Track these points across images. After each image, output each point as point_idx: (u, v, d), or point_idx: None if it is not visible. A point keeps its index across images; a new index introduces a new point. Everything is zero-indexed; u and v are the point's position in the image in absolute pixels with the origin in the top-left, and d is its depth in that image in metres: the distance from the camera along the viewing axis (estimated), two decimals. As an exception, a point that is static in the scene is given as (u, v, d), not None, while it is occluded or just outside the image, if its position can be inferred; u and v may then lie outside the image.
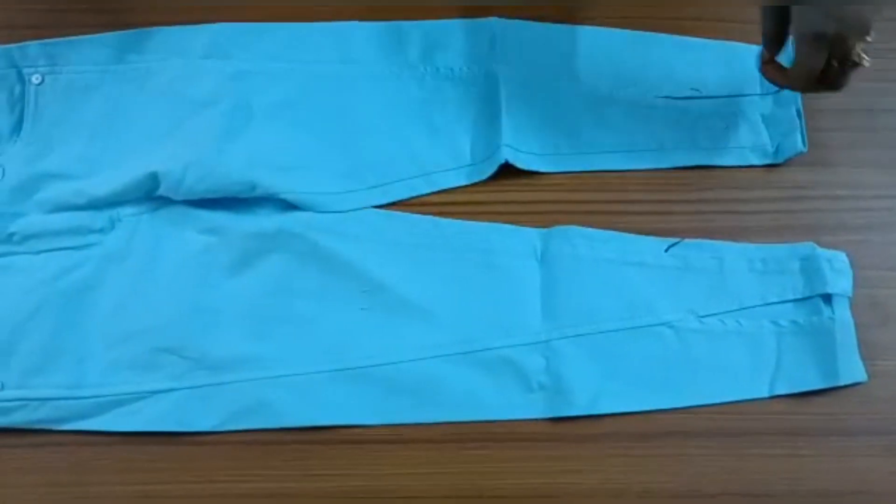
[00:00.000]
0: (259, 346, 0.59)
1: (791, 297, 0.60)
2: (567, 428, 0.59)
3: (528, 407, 0.59)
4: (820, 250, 0.61)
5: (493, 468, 0.58)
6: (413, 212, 0.63)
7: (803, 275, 0.60)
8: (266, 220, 0.61)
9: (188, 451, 0.58)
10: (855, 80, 0.63)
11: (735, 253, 0.62)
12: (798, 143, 0.64)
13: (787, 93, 0.65)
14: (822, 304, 0.60)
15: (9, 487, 0.57)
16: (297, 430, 0.58)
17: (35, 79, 0.63)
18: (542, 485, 0.58)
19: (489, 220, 0.63)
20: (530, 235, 0.62)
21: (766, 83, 0.64)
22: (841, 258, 0.60)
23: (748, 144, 0.65)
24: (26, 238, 0.60)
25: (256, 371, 0.58)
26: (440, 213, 0.63)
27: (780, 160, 0.65)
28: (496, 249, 0.62)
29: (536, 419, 0.59)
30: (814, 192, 0.65)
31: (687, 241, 0.62)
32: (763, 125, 0.66)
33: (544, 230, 0.62)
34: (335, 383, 0.58)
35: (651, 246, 0.62)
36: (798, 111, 0.65)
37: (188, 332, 0.58)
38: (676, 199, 0.64)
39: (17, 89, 0.63)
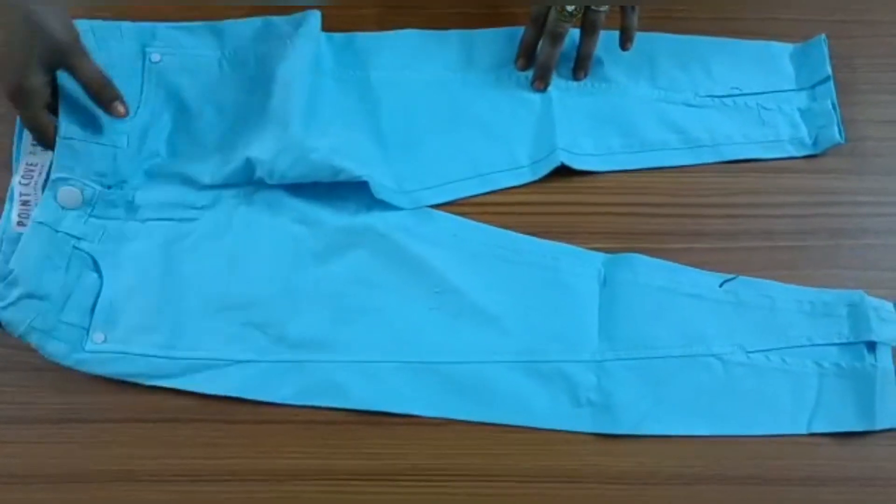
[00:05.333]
0: (335, 331, 0.62)
1: (836, 340, 0.62)
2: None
3: (574, 420, 0.61)
4: (868, 298, 0.63)
5: (532, 451, 0.60)
6: (467, 211, 0.66)
7: (850, 321, 0.62)
8: (355, 217, 0.64)
9: (256, 429, 0.61)
10: (881, 92, 0.68)
11: (786, 294, 0.64)
12: (835, 135, 0.66)
13: (821, 87, 0.68)
14: (865, 351, 0.62)
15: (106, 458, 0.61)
16: (352, 412, 0.61)
17: (154, 57, 0.67)
18: (577, 468, 0.60)
19: (522, 219, 0.66)
20: (596, 259, 0.65)
21: (801, 79, 0.69)
22: (888, 308, 0.62)
23: (787, 138, 0.68)
24: (139, 207, 0.63)
25: (330, 354, 0.61)
26: (489, 213, 0.67)
27: (818, 151, 0.68)
28: (563, 269, 0.64)
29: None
30: (837, 197, 0.67)
31: (741, 277, 0.64)
32: (800, 119, 0.69)
33: (609, 255, 0.65)
34: (399, 373, 0.61)
35: (707, 280, 0.64)
36: (833, 104, 0.67)
37: (274, 312, 0.61)
38: (706, 203, 0.67)
39: (139, 64, 0.66)
